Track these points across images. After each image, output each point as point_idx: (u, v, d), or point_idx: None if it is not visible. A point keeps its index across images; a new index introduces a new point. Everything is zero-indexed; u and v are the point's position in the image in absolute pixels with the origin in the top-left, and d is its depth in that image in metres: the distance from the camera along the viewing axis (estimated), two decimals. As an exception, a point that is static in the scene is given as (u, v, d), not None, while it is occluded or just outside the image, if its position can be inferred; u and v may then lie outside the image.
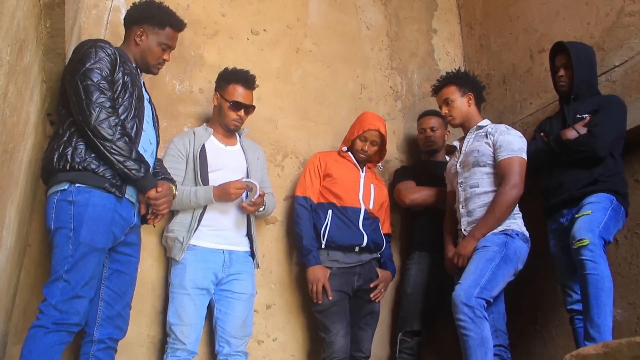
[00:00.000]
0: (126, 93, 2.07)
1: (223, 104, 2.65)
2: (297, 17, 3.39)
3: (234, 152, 2.69)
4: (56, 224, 1.92)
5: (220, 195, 2.46)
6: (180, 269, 2.44)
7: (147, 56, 2.25)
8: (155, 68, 2.30)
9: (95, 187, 1.94)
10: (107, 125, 1.92)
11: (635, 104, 2.55)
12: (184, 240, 2.45)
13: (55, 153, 1.97)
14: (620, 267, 2.60)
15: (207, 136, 2.64)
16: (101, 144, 1.92)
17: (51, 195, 1.97)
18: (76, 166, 1.94)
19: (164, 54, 2.28)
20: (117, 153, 1.93)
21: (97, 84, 1.96)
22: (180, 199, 2.43)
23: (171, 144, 2.62)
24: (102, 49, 2.03)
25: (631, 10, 2.70)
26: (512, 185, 2.47)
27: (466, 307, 2.28)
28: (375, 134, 2.88)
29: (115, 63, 2.06)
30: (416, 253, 3.03)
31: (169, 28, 2.26)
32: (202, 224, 2.49)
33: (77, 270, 1.87)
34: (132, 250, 2.18)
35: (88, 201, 1.93)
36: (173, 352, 2.35)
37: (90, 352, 2.05)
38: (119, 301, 2.12)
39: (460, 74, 2.80)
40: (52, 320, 1.81)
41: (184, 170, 2.57)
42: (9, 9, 1.43)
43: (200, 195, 2.46)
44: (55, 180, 1.97)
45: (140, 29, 2.23)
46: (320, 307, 2.69)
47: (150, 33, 2.23)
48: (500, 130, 2.60)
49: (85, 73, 1.96)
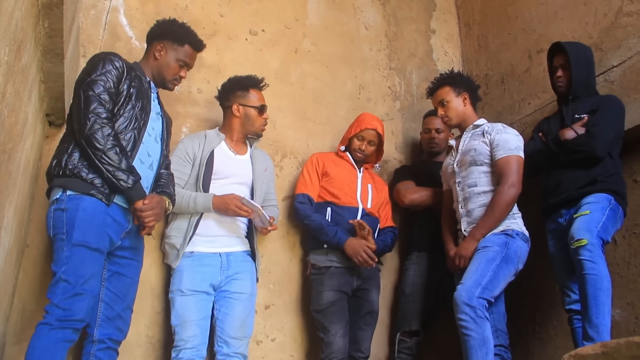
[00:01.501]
0: (128, 104, 2.12)
1: (250, 112, 2.65)
2: (295, 18, 3.39)
3: (242, 161, 2.67)
4: (53, 231, 1.99)
5: (219, 207, 2.46)
6: (178, 275, 2.44)
7: (164, 71, 2.33)
8: (171, 83, 2.38)
9: (83, 194, 1.99)
10: (99, 135, 1.98)
11: (634, 104, 2.56)
12: (180, 248, 2.45)
13: (55, 159, 2.06)
14: (618, 267, 2.60)
15: (218, 142, 2.63)
16: (92, 152, 1.98)
17: (50, 205, 2.04)
18: (68, 172, 2.00)
19: (181, 71, 2.36)
20: (106, 162, 1.98)
21: (98, 95, 2.03)
22: (179, 202, 2.42)
23: (180, 144, 2.60)
24: (110, 62, 2.11)
25: (629, 11, 2.71)
26: (510, 184, 2.47)
27: (468, 307, 2.28)
28: (372, 133, 2.88)
29: (122, 76, 2.12)
30: (415, 253, 3.03)
31: (188, 46, 2.36)
32: (197, 232, 2.48)
33: (74, 269, 1.91)
34: (132, 254, 2.20)
35: (78, 206, 1.98)
36: (177, 353, 2.33)
37: (91, 352, 2.09)
38: (119, 303, 2.14)
39: (454, 74, 2.80)
40: (56, 317, 1.85)
41: (189, 174, 2.55)
42: (7, 9, 1.43)
43: (199, 202, 2.45)
44: (51, 185, 2.05)
45: (160, 44, 2.32)
46: (318, 307, 2.70)
47: (170, 49, 2.32)
48: (497, 129, 2.60)
49: (89, 84, 2.04)
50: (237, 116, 2.66)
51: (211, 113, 2.87)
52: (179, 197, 2.42)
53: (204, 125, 2.90)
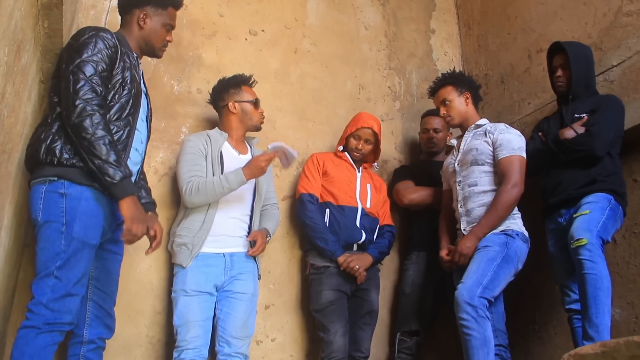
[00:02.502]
0: (124, 90, 1.99)
1: (246, 107, 2.66)
2: (295, 18, 3.39)
3: (245, 161, 2.64)
4: (45, 216, 1.82)
5: (252, 172, 2.42)
6: (182, 275, 2.42)
7: (153, 39, 2.19)
8: (160, 51, 2.24)
9: (83, 185, 1.86)
10: (88, 123, 1.80)
11: (633, 103, 2.56)
12: (193, 248, 2.42)
13: (42, 145, 1.86)
14: (618, 266, 2.60)
15: (222, 141, 2.62)
16: (79, 142, 1.81)
17: (37, 184, 1.85)
18: (65, 162, 1.84)
19: (168, 35, 2.24)
20: (92, 154, 1.80)
21: (90, 79, 1.86)
22: (212, 188, 2.39)
23: (188, 142, 2.56)
24: (103, 40, 1.93)
25: (629, 10, 2.71)
26: (513, 184, 2.47)
27: (469, 307, 2.27)
28: (368, 132, 2.88)
29: (115, 56, 1.97)
30: (414, 253, 3.03)
31: (171, 8, 2.22)
32: (210, 232, 2.46)
33: (70, 267, 1.80)
34: (118, 248, 2.13)
35: (81, 195, 1.85)
36: (179, 354, 2.32)
37: (80, 353, 1.99)
38: (107, 300, 2.08)
39: (456, 74, 2.81)
40: (43, 320, 1.73)
41: (205, 167, 2.52)
42: (7, 9, 1.43)
43: (232, 180, 2.42)
44: (42, 174, 1.86)
45: (142, 11, 2.16)
46: (318, 307, 2.70)
47: (154, 15, 2.17)
48: (499, 129, 2.60)
49: (79, 65, 1.86)
50: (235, 113, 2.67)
51: (211, 113, 2.87)
52: (209, 185, 2.39)
53: (204, 125, 2.90)
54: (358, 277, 2.71)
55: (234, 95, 2.67)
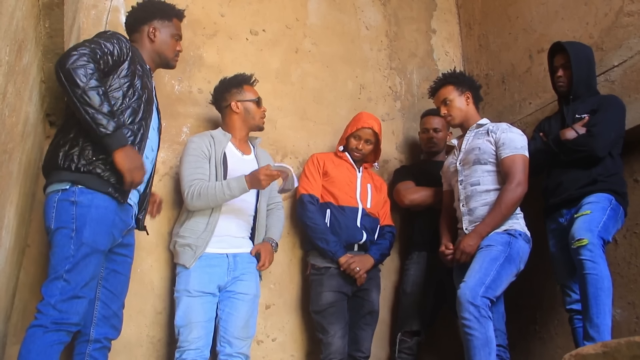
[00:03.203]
0: (135, 94, 2.05)
1: (249, 106, 2.66)
2: (296, 17, 3.39)
3: (249, 161, 2.66)
4: (57, 223, 1.88)
5: (252, 183, 2.41)
6: (185, 275, 2.42)
7: (165, 50, 2.30)
8: (173, 61, 2.36)
9: (98, 191, 1.92)
10: (82, 72, 1.81)
11: (634, 103, 2.55)
12: (197, 249, 2.42)
13: (61, 150, 1.93)
14: (619, 266, 2.60)
15: (226, 142, 2.61)
16: (71, 89, 1.80)
17: (51, 193, 1.93)
18: (82, 168, 1.90)
19: (177, 45, 2.34)
20: (85, 102, 1.81)
21: (92, 48, 1.90)
22: (214, 194, 2.39)
23: (192, 143, 2.56)
24: (118, 39, 2.04)
25: (630, 10, 2.71)
26: (517, 183, 2.46)
27: (472, 306, 2.27)
28: (368, 132, 2.88)
29: (127, 54, 2.04)
30: (415, 253, 3.03)
31: (175, 19, 2.35)
32: (214, 233, 2.46)
33: (78, 271, 1.85)
34: (128, 251, 2.18)
35: (91, 202, 1.90)
36: (181, 354, 2.32)
37: (86, 351, 2.03)
38: (115, 301, 2.12)
39: (457, 74, 2.81)
40: (51, 320, 1.78)
41: (208, 169, 2.53)
42: (8, 9, 1.43)
43: (233, 187, 2.41)
44: (58, 178, 1.92)
45: (151, 26, 2.27)
46: (317, 308, 2.70)
47: (161, 27, 2.29)
48: (502, 128, 2.60)
49: (84, 41, 1.95)
50: (237, 112, 2.66)
51: (212, 113, 2.87)
52: (211, 190, 2.39)
53: (205, 125, 2.90)
54: (358, 279, 2.71)
55: (236, 95, 2.67)
